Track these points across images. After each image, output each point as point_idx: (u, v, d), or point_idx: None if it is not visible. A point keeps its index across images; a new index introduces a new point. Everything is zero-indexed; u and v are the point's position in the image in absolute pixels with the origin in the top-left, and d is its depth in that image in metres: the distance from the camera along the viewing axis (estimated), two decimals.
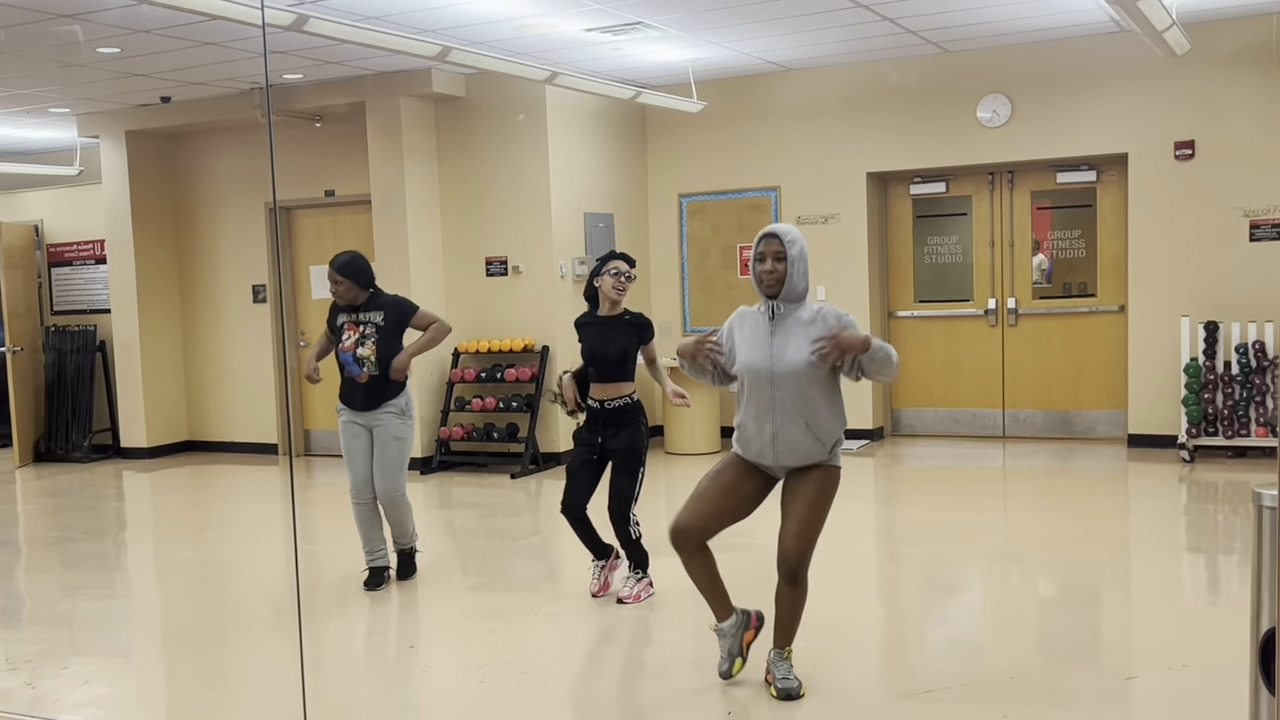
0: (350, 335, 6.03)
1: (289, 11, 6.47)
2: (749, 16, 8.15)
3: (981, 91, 9.82)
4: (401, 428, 6.08)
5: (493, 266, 10.04)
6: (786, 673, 4.39)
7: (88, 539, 7.95)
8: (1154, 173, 9.34)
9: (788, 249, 4.28)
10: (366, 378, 5.97)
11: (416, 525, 6.37)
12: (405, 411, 6.10)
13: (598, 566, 5.91)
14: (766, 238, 4.30)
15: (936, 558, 6.60)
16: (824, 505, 4.30)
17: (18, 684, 4.89)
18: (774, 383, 4.25)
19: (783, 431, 4.25)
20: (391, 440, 6.05)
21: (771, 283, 4.28)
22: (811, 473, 4.31)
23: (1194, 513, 7.78)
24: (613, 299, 5.73)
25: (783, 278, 4.27)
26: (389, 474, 6.05)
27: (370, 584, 6.16)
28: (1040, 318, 10.22)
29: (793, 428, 4.23)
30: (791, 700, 4.36)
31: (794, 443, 4.25)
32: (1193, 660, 4.64)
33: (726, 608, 4.54)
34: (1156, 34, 7.52)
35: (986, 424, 10.52)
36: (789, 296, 4.30)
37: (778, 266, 4.27)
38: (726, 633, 4.55)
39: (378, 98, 9.81)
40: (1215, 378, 8.95)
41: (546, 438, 9.87)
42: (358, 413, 6.07)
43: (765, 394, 4.26)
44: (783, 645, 4.43)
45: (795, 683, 4.36)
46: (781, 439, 4.26)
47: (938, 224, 10.55)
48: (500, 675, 4.79)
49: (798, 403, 4.23)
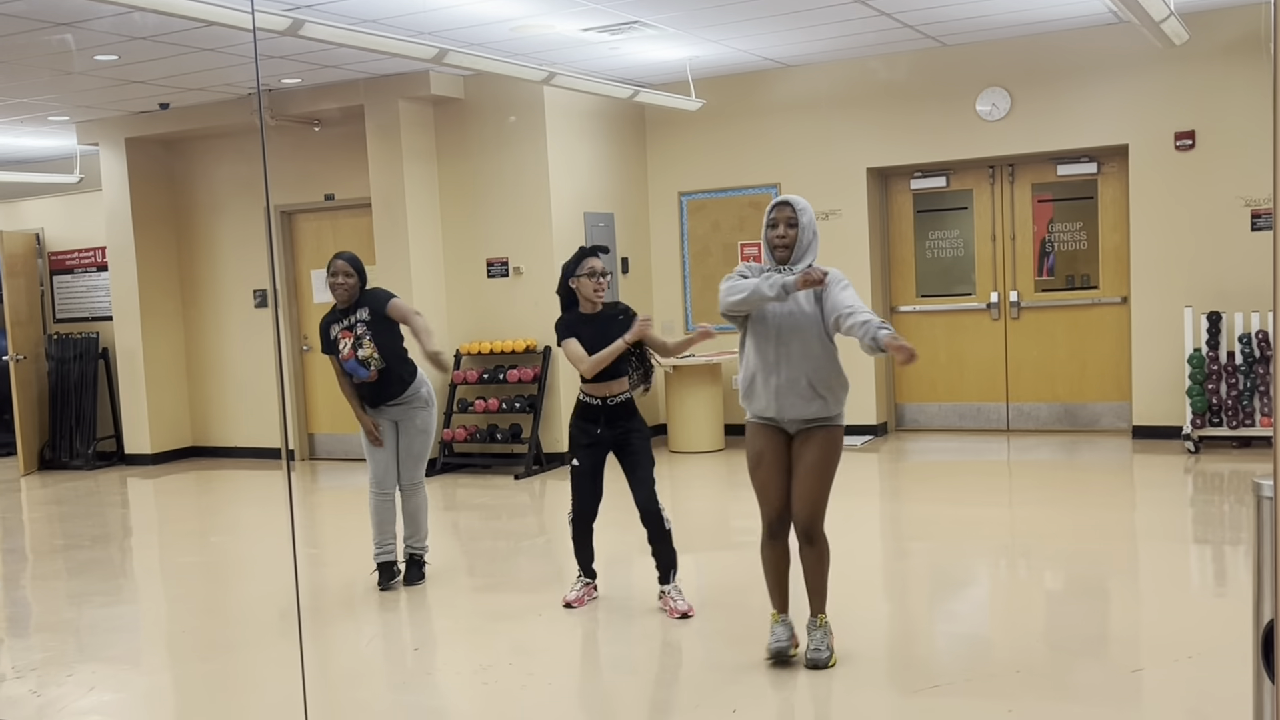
0: (346, 343, 6.02)
1: (284, 16, 6.47)
2: (746, 14, 8.14)
3: (980, 85, 9.81)
4: (428, 420, 6.19)
5: (493, 268, 10.04)
6: (818, 642, 4.55)
7: (93, 546, 7.95)
8: (1155, 164, 9.32)
9: (799, 216, 4.50)
10: (376, 375, 5.99)
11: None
12: (429, 402, 6.19)
13: (582, 582, 5.81)
14: (780, 205, 4.53)
15: (942, 552, 6.58)
16: (829, 464, 4.50)
17: (23, 692, 4.90)
18: (779, 340, 4.44)
19: (787, 386, 4.44)
20: (418, 433, 6.16)
21: (783, 248, 4.49)
22: (815, 433, 4.50)
23: (1200, 504, 7.76)
24: (593, 301, 5.56)
25: (793, 243, 4.48)
26: (412, 464, 6.18)
27: (383, 581, 6.16)
28: (1043, 310, 10.20)
29: (795, 383, 4.43)
30: (819, 670, 4.47)
31: (797, 397, 4.44)
32: (1199, 652, 4.63)
33: (786, 604, 4.73)
34: (1154, 25, 7.50)
35: (990, 418, 10.50)
36: (797, 260, 4.49)
37: (789, 232, 4.49)
38: (786, 621, 4.70)
39: (376, 101, 9.81)
40: (1219, 368, 8.93)
41: (550, 438, 9.86)
42: (383, 408, 6.12)
43: (770, 350, 4.46)
44: (816, 611, 4.60)
45: (825, 654, 4.52)
46: (785, 393, 4.45)
47: (939, 218, 10.54)
48: (506, 677, 4.78)
49: (800, 359, 4.42)
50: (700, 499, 8.83)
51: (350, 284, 6.04)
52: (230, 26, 6.31)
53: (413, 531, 6.25)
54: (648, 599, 5.77)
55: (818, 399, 4.44)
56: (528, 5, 7.53)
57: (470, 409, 9.93)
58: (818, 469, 4.48)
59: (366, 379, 5.99)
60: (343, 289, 6.04)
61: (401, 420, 6.13)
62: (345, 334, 6.04)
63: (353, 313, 6.06)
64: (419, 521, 6.25)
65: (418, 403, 6.12)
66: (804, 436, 4.52)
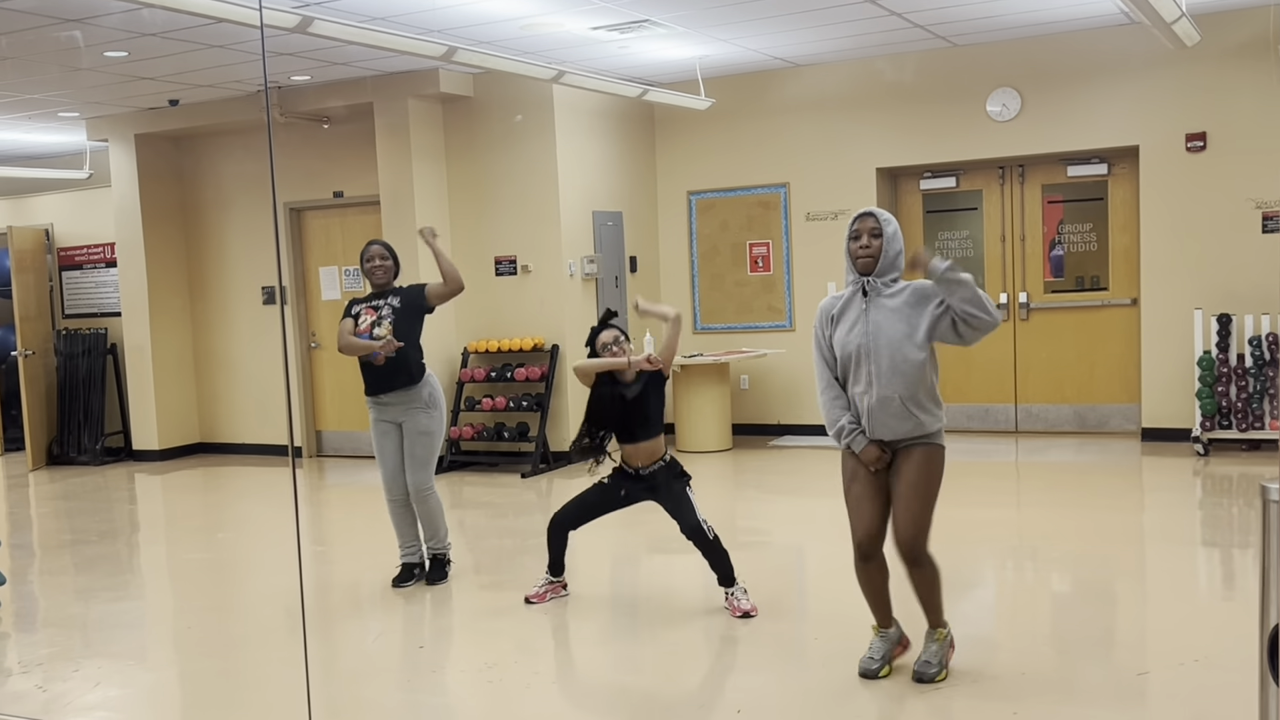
0: (367, 318, 6.04)
1: (293, 13, 6.47)
2: (756, 13, 8.13)
3: (991, 85, 9.78)
4: (429, 422, 6.07)
5: (502, 266, 10.03)
6: (931, 655, 4.47)
7: (100, 541, 7.96)
8: (1165, 165, 9.29)
9: (884, 227, 4.34)
10: (383, 359, 5.95)
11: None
12: (431, 403, 6.09)
13: (548, 579, 5.77)
14: (863, 216, 4.38)
15: (949, 553, 6.52)
16: (930, 484, 4.37)
17: (30, 687, 4.90)
18: (871, 357, 4.31)
19: (879, 406, 4.32)
20: (419, 436, 6.06)
21: (866, 259, 4.34)
22: (914, 452, 4.37)
23: (1208, 507, 7.74)
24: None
25: (877, 254, 4.33)
26: (416, 469, 6.06)
27: (398, 581, 6.17)
28: (1052, 312, 10.17)
29: (888, 401, 4.30)
30: (924, 683, 4.39)
31: (890, 416, 4.32)
32: (1206, 655, 4.61)
33: (889, 617, 4.63)
34: (1166, 26, 7.47)
35: (999, 419, 10.47)
36: (882, 272, 4.35)
37: (873, 243, 4.33)
38: (888, 637, 4.62)
39: (385, 98, 9.81)
40: (1229, 370, 8.90)
41: (557, 437, 9.85)
42: (383, 406, 6.07)
43: (863, 369, 4.34)
44: (933, 625, 4.52)
45: (934, 669, 4.43)
46: (878, 413, 4.33)
47: (948, 219, 10.51)
48: (510, 675, 4.78)
49: (893, 376, 4.29)
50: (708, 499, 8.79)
51: (387, 265, 6.10)
52: (239, 23, 6.32)
53: (431, 534, 6.20)
54: (654, 597, 5.77)
55: (911, 417, 4.32)
56: (537, 3, 7.52)
57: (477, 407, 9.93)
58: (919, 488, 4.34)
59: (374, 360, 5.96)
60: (380, 270, 6.08)
61: (405, 422, 6.06)
62: (370, 311, 6.07)
63: (384, 298, 6.09)
64: (436, 525, 6.18)
65: (419, 403, 6.04)
66: (904, 455, 4.38)
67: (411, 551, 6.25)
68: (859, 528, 4.44)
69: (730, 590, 5.49)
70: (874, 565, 4.49)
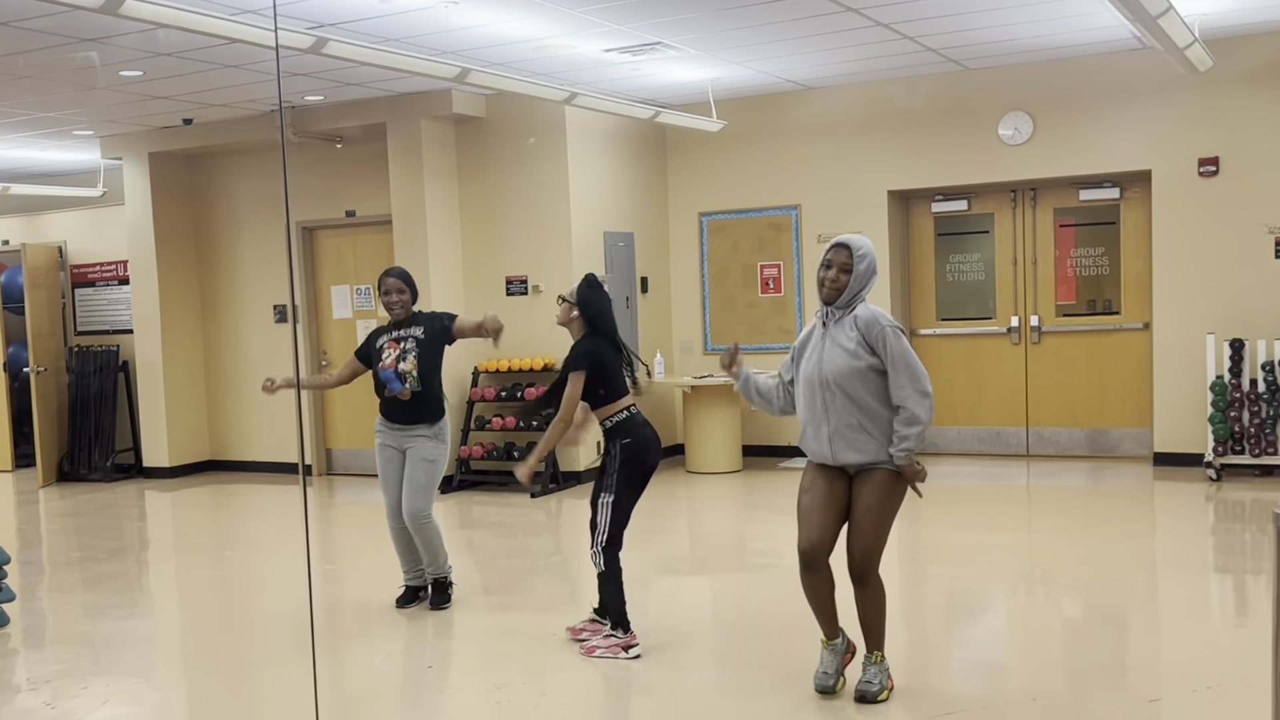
0: (390, 353, 5.97)
1: (308, 34, 6.50)
2: (768, 36, 8.15)
3: (1003, 109, 9.79)
4: (433, 450, 6.00)
5: (513, 286, 10.05)
6: (871, 676, 4.49)
7: (110, 559, 7.97)
8: (1178, 189, 9.28)
9: (855, 264, 4.37)
10: (409, 394, 5.91)
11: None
12: (439, 435, 6.04)
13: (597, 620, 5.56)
14: (837, 247, 4.41)
15: (960, 578, 6.54)
16: (886, 507, 4.38)
17: (38, 704, 4.90)
18: (824, 386, 4.36)
19: (837, 434, 4.36)
20: (421, 461, 5.98)
21: (831, 291, 4.39)
22: (874, 474, 4.39)
23: (1221, 532, 7.70)
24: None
25: (843, 289, 4.37)
26: (414, 494, 5.97)
27: (401, 602, 6.15)
28: (1064, 335, 10.15)
29: (846, 429, 4.34)
30: (866, 704, 4.42)
31: (850, 441, 4.36)
32: (1219, 682, 4.58)
33: (836, 628, 4.63)
34: (1178, 51, 7.48)
35: (1010, 442, 10.44)
36: (844, 305, 4.40)
37: (841, 277, 4.38)
38: (836, 649, 4.63)
39: (398, 119, 9.85)
40: (1241, 395, 8.86)
41: (567, 457, 9.84)
42: (394, 432, 6.03)
43: (817, 398, 4.38)
44: (871, 649, 4.53)
45: (875, 688, 4.46)
46: (838, 440, 4.37)
47: (960, 242, 10.51)
48: (519, 696, 4.76)
49: (848, 403, 4.33)
50: (717, 520, 8.81)
51: (404, 300, 6.03)
52: (254, 44, 6.35)
53: (431, 560, 6.13)
54: (661, 619, 5.75)
55: (872, 440, 4.33)
56: (550, 26, 7.55)
57: (487, 426, 9.93)
58: (874, 511, 4.35)
59: (398, 394, 5.91)
60: (398, 305, 6.03)
61: (408, 448, 6.00)
62: (392, 345, 6.00)
63: (406, 327, 6.04)
64: (435, 551, 6.09)
65: (427, 433, 6.00)
66: (864, 476, 4.40)
67: (414, 575, 6.21)
68: (804, 538, 4.47)
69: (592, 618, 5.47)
70: (818, 577, 4.50)
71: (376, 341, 6.09)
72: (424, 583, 6.22)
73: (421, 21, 7.27)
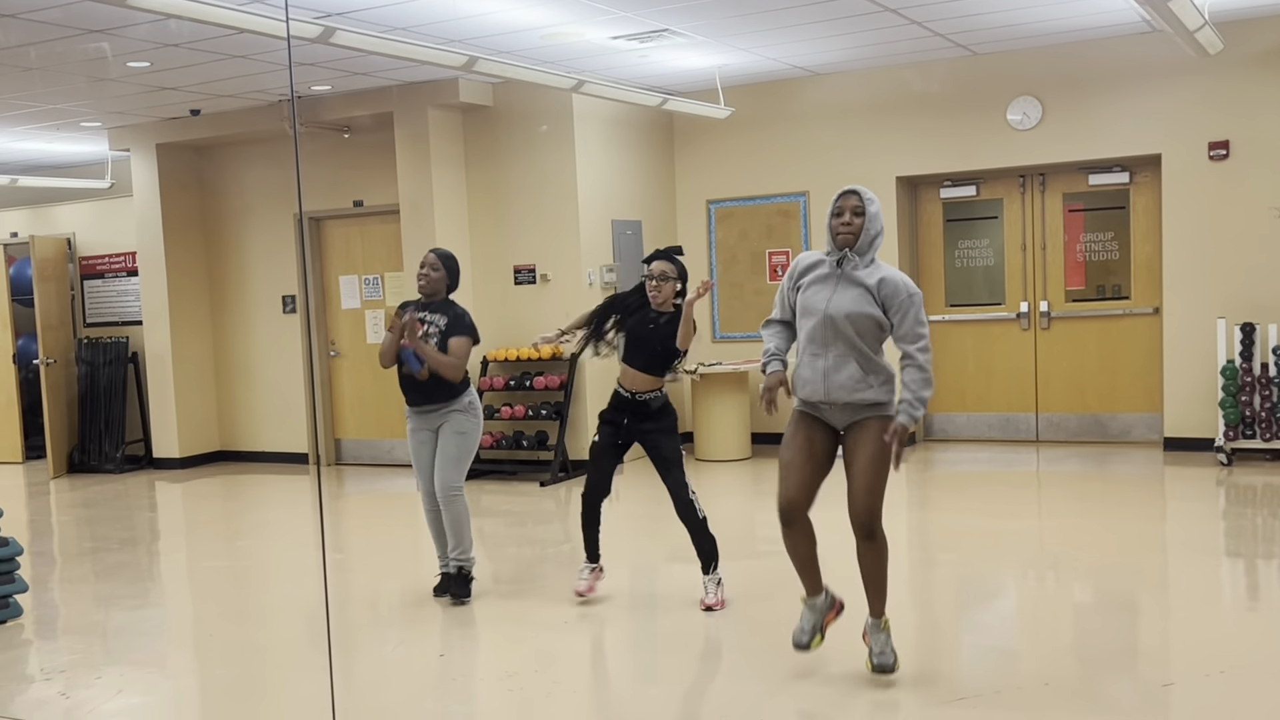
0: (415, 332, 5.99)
1: (316, 24, 6.50)
2: (775, 22, 8.13)
3: (1011, 94, 9.76)
4: (465, 422, 5.99)
5: (521, 274, 10.04)
6: (883, 645, 4.50)
7: (121, 549, 7.99)
8: (1188, 173, 9.25)
9: (866, 206, 4.44)
10: (425, 375, 5.89)
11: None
12: (470, 409, 6.03)
13: (589, 568, 5.88)
14: (846, 194, 4.48)
15: (971, 563, 6.54)
16: (885, 456, 4.38)
17: (52, 694, 4.92)
18: (829, 324, 4.41)
19: (834, 367, 4.41)
20: (453, 434, 5.97)
21: (847, 235, 4.44)
22: (869, 424, 4.43)
23: (1232, 517, 7.68)
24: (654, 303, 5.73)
25: (858, 231, 4.43)
26: (445, 465, 5.97)
27: (438, 590, 6.11)
28: (1073, 321, 10.13)
29: (844, 363, 4.40)
30: (886, 674, 4.42)
31: (845, 378, 4.40)
32: (1231, 666, 4.57)
33: (818, 584, 4.65)
34: (1188, 34, 7.44)
35: (1020, 428, 10.43)
36: (861, 249, 4.45)
37: (855, 220, 4.44)
38: (816, 607, 4.65)
39: (405, 108, 9.84)
40: (1252, 380, 8.84)
41: (575, 445, 9.85)
42: (420, 415, 6.03)
43: (819, 334, 4.43)
44: (877, 614, 4.53)
45: (890, 658, 4.47)
46: (833, 375, 4.41)
47: (969, 227, 10.48)
48: (531, 684, 4.77)
49: (849, 344, 4.39)
50: (726, 507, 8.80)
51: (436, 277, 5.99)
52: (263, 34, 6.34)
53: (455, 543, 6.06)
54: (674, 607, 5.76)
55: (864, 381, 4.39)
56: (557, 13, 7.54)
57: (496, 415, 9.94)
58: (874, 461, 4.38)
59: (417, 373, 5.90)
60: (425, 280, 5.99)
61: (440, 425, 6.01)
62: (419, 325, 5.99)
63: (434, 310, 6.02)
64: (459, 532, 6.05)
65: (458, 407, 5.99)
66: (858, 428, 4.44)
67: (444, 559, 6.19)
68: (784, 491, 4.51)
69: (704, 579, 5.64)
70: (798, 531, 4.53)
71: (404, 316, 6.05)
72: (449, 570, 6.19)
73: (428, 10, 7.26)
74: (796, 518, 4.50)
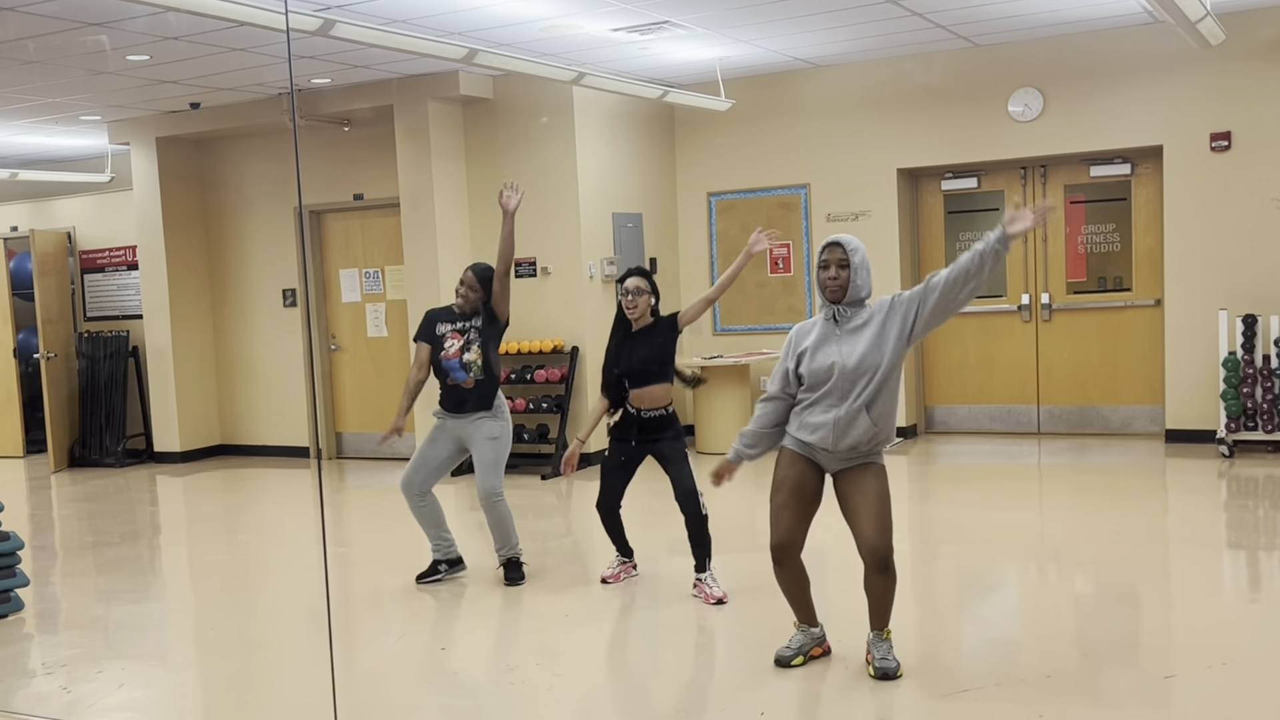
0: (454, 343, 6.09)
1: (315, 16, 6.48)
2: (777, 14, 8.11)
3: (1013, 85, 9.74)
4: (494, 427, 6.12)
5: (522, 268, 10.03)
6: (885, 653, 4.55)
7: (122, 543, 7.99)
8: (1190, 165, 9.23)
9: (850, 257, 4.47)
10: (473, 383, 6.04)
11: (451, 529, 6.41)
12: (498, 413, 6.16)
13: (619, 560, 6.14)
14: (830, 246, 4.51)
15: (972, 556, 6.53)
16: (888, 494, 4.51)
17: (54, 688, 4.92)
18: (844, 378, 4.43)
19: (847, 420, 4.43)
20: (486, 441, 6.10)
21: (835, 289, 4.48)
22: (867, 468, 4.52)
23: (1234, 509, 7.67)
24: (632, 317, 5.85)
25: (846, 284, 4.47)
26: (484, 473, 6.11)
27: (421, 576, 6.28)
28: (1075, 313, 10.12)
29: (857, 416, 4.42)
30: (889, 680, 4.47)
31: (857, 432, 4.43)
32: (1233, 658, 4.57)
33: (813, 618, 4.77)
34: (1190, 25, 7.43)
35: (1021, 420, 10.42)
36: (851, 301, 4.49)
37: (841, 273, 4.47)
38: (809, 634, 4.75)
39: (405, 101, 9.82)
40: (1254, 371, 8.83)
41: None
42: (455, 421, 6.14)
43: (835, 389, 4.45)
44: (879, 628, 4.59)
45: (893, 663, 4.52)
46: (845, 427, 4.44)
47: (970, 219, 10.47)
48: (532, 677, 4.77)
49: (865, 392, 4.42)
50: (727, 500, 8.79)
51: (474, 298, 6.10)
52: (263, 27, 6.33)
53: (501, 543, 6.22)
54: (675, 600, 5.76)
55: (870, 430, 4.43)
56: (557, 5, 7.52)
57: None
58: (881, 498, 4.46)
59: (462, 383, 6.04)
60: (464, 300, 6.10)
61: (470, 432, 6.12)
62: (455, 335, 6.11)
63: (469, 318, 6.12)
64: (506, 532, 6.20)
65: (487, 414, 6.12)
66: (857, 473, 4.50)
67: (437, 548, 6.30)
68: (776, 535, 4.60)
69: (701, 576, 5.74)
70: (790, 572, 4.64)
71: (436, 328, 6.17)
72: (444, 556, 6.32)
73: (428, 2, 7.24)
74: (789, 558, 4.61)
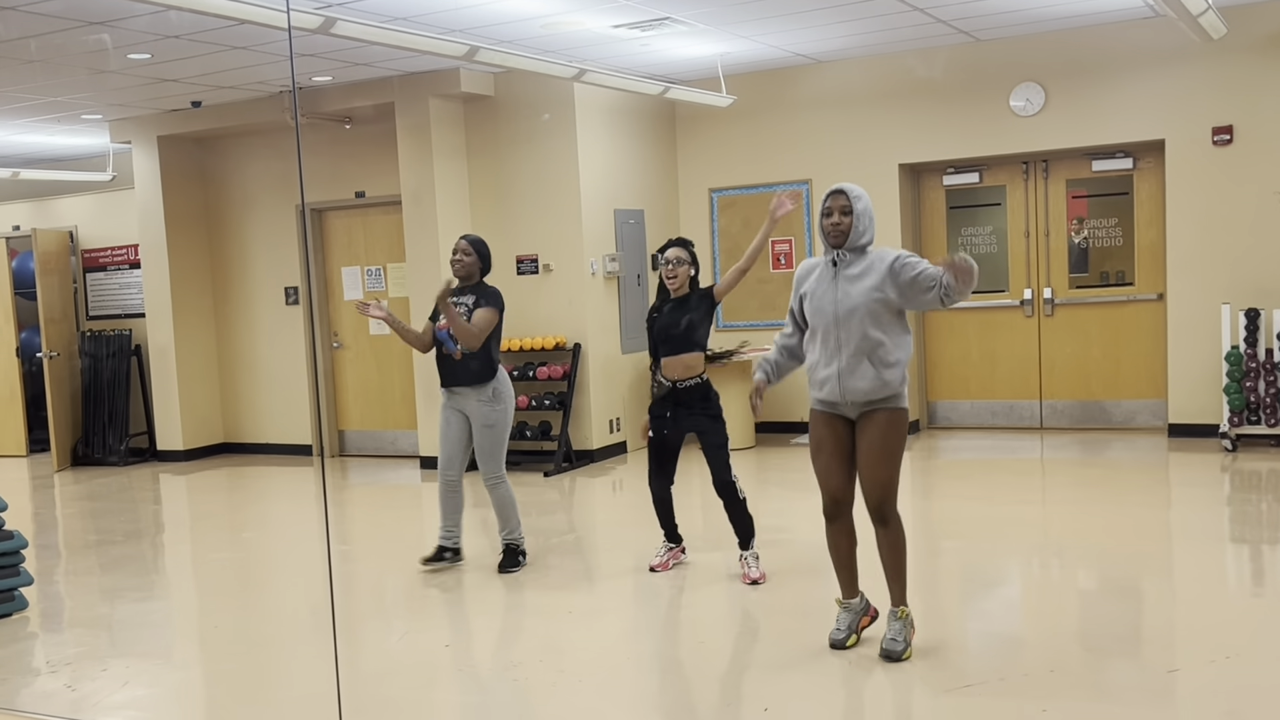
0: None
1: (316, 14, 6.48)
2: (777, 9, 8.10)
3: (1014, 80, 9.73)
4: (490, 414, 6.24)
5: (523, 265, 10.03)
6: (896, 633, 4.62)
7: (126, 542, 8.00)
8: (1192, 159, 9.22)
9: (853, 204, 4.57)
10: (461, 354, 6.16)
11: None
12: (495, 398, 6.25)
13: (666, 547, 6.21)
14: (834, 194, 4.61)
15: (974, 551, 6.53)
16: (895, 445, 4.58)
17: (58, 686, 4.93)
18: (839, 324, 4.54)
19: (849, 370, 4.53)
20: (481, 429, 6.26)
21: (837, 235, 4.59)
22: (876, 415, 4.58)
23: (1237, 503, 7.67)
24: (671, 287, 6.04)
25: (848, 230, 4.57)
26: (482, 460, 6.29)
27: (427, 559, 6.41)
28: (1077, 307, 10.11)
29: (857, 365, 4.52)
30: (892, 661, 4.52)
31: (860, 381, 4.52)
32: (1236, 652, 4.57)
33: (854, 587, 4.84)
34: (1192, 18, 7.42)
35: (1023, 415, 10.42)
36: (852, 246, 4.58)
37: (844, 220, 4.57)
38: (852, 609, 4.82)
39: (406, 98, 9.82)
40: (1257, 365, 8.82)
41: (579, 435, 9.85)
42: (452, 395, 6.28)
43: (831, 336, 4.56)
44: (896, 603, 4.65)
45: (900, 645, 4.58)
46: (848, 379, 4.53)
47: (972, 214, 10.46)
48: (535, 674, 4.77)
49: (861, 341, 4.51)
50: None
51: (468, 261, 6.25)
52: (264, 25, 6.33)
53: (502, 525, 6.43)
54: (678, 595, 5.76)
55: (878, 377, 4.51)
56: (559, 2, 7.51)
57: None
58: (882, 450, 4.55)
59: (452, 353, 6.18)
60: (459, 265, 6.24)
61: (471, 414, 6.26)
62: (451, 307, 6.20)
63: (466, 295, 6.25)
64: (506, 515, 6.40)
65: (485, 397, 6.22)
66: (866, 420, 4.59)
67: (445, 536, 6.44)
68: (826, 490, 4.69)
69: (744, 554, 5.89)
70: (841, 528, 4.72)
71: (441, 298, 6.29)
72: (450, 544, 6.46)
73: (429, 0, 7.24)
74: (841, 512, 4.70)
